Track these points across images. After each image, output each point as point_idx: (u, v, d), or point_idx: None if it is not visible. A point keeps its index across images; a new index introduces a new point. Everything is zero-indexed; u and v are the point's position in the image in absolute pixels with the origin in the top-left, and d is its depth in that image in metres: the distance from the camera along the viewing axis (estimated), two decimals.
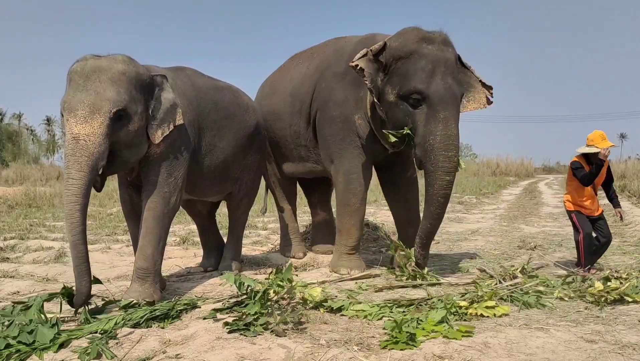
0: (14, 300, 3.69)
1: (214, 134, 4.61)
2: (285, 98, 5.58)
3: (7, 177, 22.43)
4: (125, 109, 3.60)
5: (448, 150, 4.18)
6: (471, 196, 15.01)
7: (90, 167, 3.43)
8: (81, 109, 3.46)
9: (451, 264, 5.45)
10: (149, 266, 3.92)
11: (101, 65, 3.64)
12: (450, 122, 4.17)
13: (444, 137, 4.16)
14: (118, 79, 3.62)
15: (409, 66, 4.26)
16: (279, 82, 5.89)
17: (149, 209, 3.98)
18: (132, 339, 3.08)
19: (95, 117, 3.46)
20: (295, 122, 5.42)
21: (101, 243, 7.04)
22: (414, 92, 4.20)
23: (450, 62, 4.28)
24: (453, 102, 4.23)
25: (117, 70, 3.66)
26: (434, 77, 4.18)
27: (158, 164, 4.00)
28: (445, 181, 4.26)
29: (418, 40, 4.28)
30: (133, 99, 3.69)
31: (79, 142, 3.42)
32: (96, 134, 3.45)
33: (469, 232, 8.06)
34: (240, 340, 3.02)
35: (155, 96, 3.94)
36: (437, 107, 4.16)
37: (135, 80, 3.76)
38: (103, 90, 3.54)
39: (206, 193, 4.91)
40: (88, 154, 3.42)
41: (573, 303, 3.82)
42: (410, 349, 2.85)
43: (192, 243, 6.94)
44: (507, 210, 11.52)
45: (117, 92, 3.57)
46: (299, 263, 5.62)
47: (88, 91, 3.52)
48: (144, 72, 3.89)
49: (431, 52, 4.24)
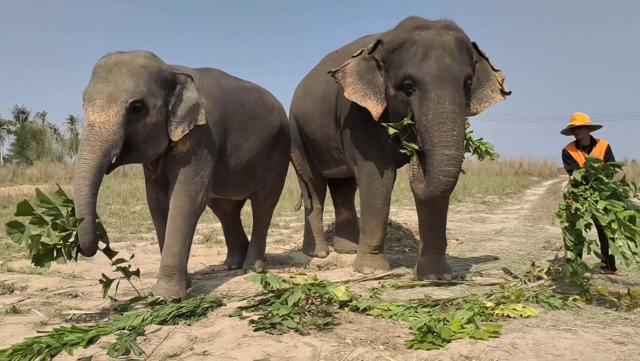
0: None
1: (240, 135, 4.64)
2: (315, 100, 5.59)
3: (32, 175, 22.80)
4: (142, 100, 3.63)
5: (442, 124, 3.88)
6: (494, 196, 14.89)
7: (103, 151, 3.45)
8: (99, 98, 3.51)
9: (475, 264, 5.41)
10: (175, 264, 3.95)
11: (123, 59, 3.71)
12: (443, 99, 3.92)
13: (436, 113, 3.91)
14: (138, 72, 3.68)
15: (402, 55, 4.20)
16: (311, 83, 5.90)
17: (175, 207, 4.01)
18: (160, 335, 3.11)
19: (111, 107, 3.51)
20: (326, 125, 5.42)
21: (126, 241, 7.12)
22: (405, 77, 4.11)
23: (449, 44, 4.07)
24: (449, 81, 3.98)
25: (137, 63, 3.71)
26: (426, 61, 4.04)
27: (184, 163, 4.03)
28: (445, 155, 3.86)
29: (411, 29, 4.22)
30: (152, 93, 3.72)
31: (94, 128, 3.47)
32: (111, 122, 3.49)
33: (493, 232, 7.99)
34: (266, 337, 3.03)
35: (177, 93, 3.98)
36: (428, 88, 3.98)
37: (156, 74, 3.80)
38: (122, 81, 3.59)
39: (231, 192, 4.94)
40: (102, 140, 3.45)
41: (601, 305, 3.77)
42: (437, 349, 2.84)
43: (215, 241, 6.98)
44: (531, 210, 11.40)
45: (136, 84, 3.62)
46: (322, 262, 5.62)
47: (108, 82, 3.58)
48: (165, 68, 3.93)
49: (424, 38, 4.12)
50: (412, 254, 6.17)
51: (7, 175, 22.16)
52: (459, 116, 3.94)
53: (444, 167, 3.87)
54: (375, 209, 4.88)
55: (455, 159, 3.88)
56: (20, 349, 2.74)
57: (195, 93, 4.04)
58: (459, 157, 3.92)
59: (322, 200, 6.35)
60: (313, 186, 6.26)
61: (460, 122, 3.94)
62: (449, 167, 3.87)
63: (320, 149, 5.74)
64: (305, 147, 6.06)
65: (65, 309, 3.75)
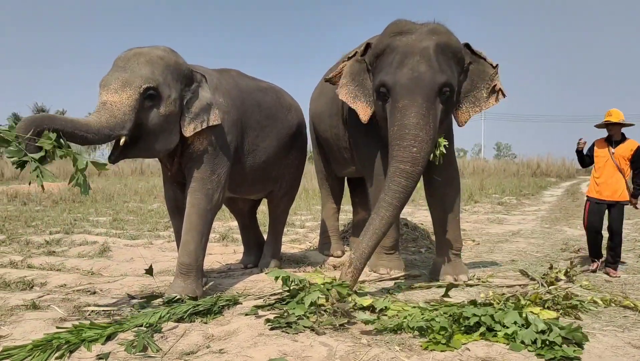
0: None
1: (257, 134, 4.66)
2: (327, 101, 5.61)
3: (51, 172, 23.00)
4: (156, 88, 3.65)
5: (402, 139, 3.81)
6: (511, 197, 14.77)
7: (109, 124, 3.43)
8: (114, 83, 3.54)
9: (492, 266, 5.38)
10: (191, 262, 3.98)
11: (142, 50, 3.78)
12: (407, 111, 3.82)
13: (399, 126, 3.84)
14: (155, 62, 3.72)
15: (382, 61, 4.14)
16: (325, 85, 5.92)
17: (192, 206, 4.04)
18: (177, 333, 3.14)
19: (125, 89, 3.52)
20: (335, 125, 5.44)
21: (143, 239, 7.18)
22: (380, 85, 4.06)
23: (427, 50, 3.93)
24: (418, 90, 3.85)
25: (155, 54, 3.77)
26: (401, 68, 3.95)
27: (201, 162, 4.05)
28: (399, 169, 3.81)
29: (393, 35, 4.14)
30: (167, 83, 3.75)
31: (105, 105, 3.48)
32: (123, 103, 3.49)
33: (510, 233, 7.94)
34: (282, 336, 3.04)
35: (193, 89, 4.00)
36: (396, 97, 3.92)
37: (173, 67, 3.83)
38: (138, 69, 3.63)
39: (248, 191, 4.97)
40: (110, 115, 3.45)
41: (619, 308, 3.73)
42: (452, 351, 2.83)
43: (231, 239, 7.02)
44: (548, 212, 11.29)
45: (151, 72, 3.66)
46: (337, 262, 5.62)
47: (125, 70, 3.62)
48: (183, 62, 3.96)
49: (404, 44, 4.03)
50: (428, 255, 6.15)
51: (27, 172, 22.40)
52: (424, 128, 3.82)
53: (396, 177, 3.82)
54: None
55: (409, 174, 3.81)
56: (40, 344, 2.78)
57: (209, 93, 4.07)
58: (414, 173, 3.82)
59: (338, 200, 6.36)
60: (329, 186, 6.30)
61: (423, 135, 3.81)
62: (401, 179, 3.81)
63: (332, 149, 5.77)
64: (321, 147, 6.10)
65: (84, 305, 3.79)
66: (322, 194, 6.41)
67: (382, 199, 3.84)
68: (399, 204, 3.83)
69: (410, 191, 3.87)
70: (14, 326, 3.31)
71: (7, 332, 3.19)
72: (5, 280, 4.59)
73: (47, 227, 8.20)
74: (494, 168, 29.70)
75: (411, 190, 3.87)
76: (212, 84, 4.26)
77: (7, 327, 3.29)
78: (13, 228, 8.01)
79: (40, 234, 7.46)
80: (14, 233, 7.47)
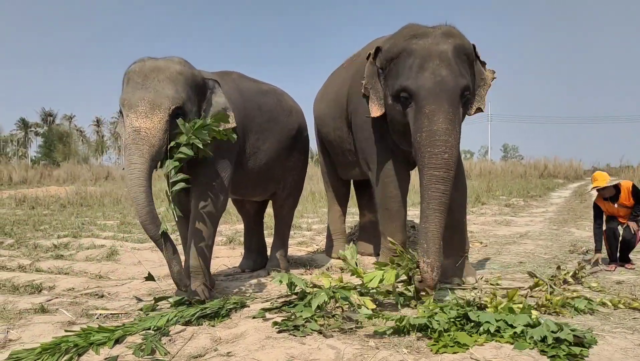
0: None
1: (258, 137, 4.68)
2: (329, 103, 5.63)
3: (59, 176, 23.17)
4: (182, 106, 3.68)
5: (433, 146, 3.81)
6: (519, 198, 14.72)
7: (151, 155, 3.49)
8: (142, 105, 3.54)
9: (500, 267, 5.36)
10: (198, 265, 4.00)
11: (159, 65, 3.75)
12: (436, 117, 3.82)
13: (429, 132, 3.82)
14: (176, 79, 3.72)
15: (399, 65, 4.12)
16: (328, 87, 5.97)
17: (197, 209, 4.06)
18: (184, 336, 3.14)
19: (155, 113, 3.54)
20: (338, 127, 5.45)
21: (150, 242, 7.18)
22: (401, 90, 4.03)
23: (446, 54, 3.94)
24: (444, 95, 3.86)
25: (174, 70, 3.76)
26: (422, 72, 3.94)
27: (206, 166, 4.08)
28: (434, 176, 3.82)
29: (408, 38, 4.12)
30: (189, 98, 3.78)
31: (141, 133, 3.49)
32: (156, 128, 3.53)
33: (518, 235, 7.90)
34: (290, 339, 3.04)
35: (207, 98, 4.03)
36: (422, 102, 3.89)
37: (191, 80, 3.85)
38: (162, 88, 3.63)
39: (249, 193, 5.00)
40: (149, 145, 3.49)
41: (628, 310, 3.71)
42: (462, 353, 2.82)
43: (238, 242, 7.03)
44: (556, 213, 11.24)
45: (176, 91, 3.67)
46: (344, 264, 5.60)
47: (147, 88, 3.61)
48: (197, 74, 3.98)
49: (421, 47, 4.01)
50: None
51: (35, 176, 22.58)
52: (452, 133, 3.84)
53: (433, 184, 3.83)
54: (392, 213, 4.81)
55: (445, 178, 3.82)
56: (49, 348, 2.79)
57: (223, 97, 4.10)
58: (449, 177, 3.84)
59: (344, 202, 6.37)
60: (334, 188, 6.31)
61: (452, 140, 3.83)
62: (439, 185, 3.82)
63: (335, 151, 5.78)
64: (326, 150, 6.13)
65: (92, 309, 3.81)
66: (328, 197, 6.43)
67: (426, 208, 3.87)
68: (443, 208, 3.84)
69: (449, 194, 3.88)
70: (22, 330, 3.32)
71: (16, 336, 3.21)
72: (14, 284, 4.61)
73: (55, 231, 8.24)
74: (501, 170, 29.57)
75: (449, 194, 3.89)
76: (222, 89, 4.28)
77: (16, 331, 3.31)
78: (21, 232, 8.06)
79: (49, 238, 7.50)
80: (22, 237, 7.51)
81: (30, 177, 22.27)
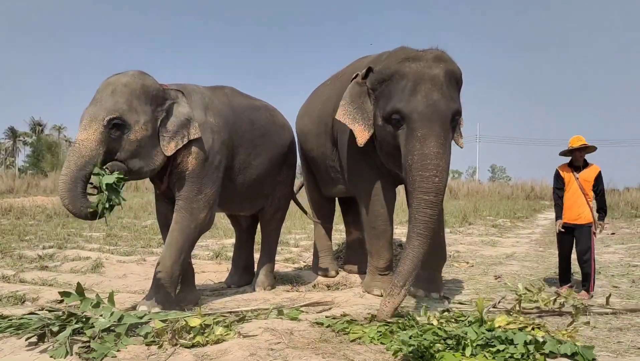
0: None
1: (249, 152, 4.71)
2: (313, 120, 5.66)
3: (46, 187, 22.95)
4: (120, 117, 3.76)
5: (424, 170, 3.82)
6: (505, 219, 14.78)
7: (78, 166, 3.62)
8: (85, 119, 3.73)
9: (486, 288, 5.38)
10: (165, 277, 4.09)
11: (110, 80, 3.92)
12: (428, 140, 3.85)
13: (420, 156, 3.84)
14: (120, 91, 3.84)
15: (391, 87, 4.16)
16: (312, 103, 5.99)
17: (175, 222, 4.13)
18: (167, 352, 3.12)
19: (91, 125, 3.69)
20: (322, 144, 5.47)
21: (136, 255, 7.16)
22: (393, 112, 4.05)
23: (438, 78, 3.98)
24: (436, 119, 3.90)
25: (120, 83, 3.88)
26: (414, 95, 3.97)
27: (188, 180, 4.13)
28: (423, 200, 3.84)
29: (401, 61, 4.16)
30: (133, 109, 3.84)
31: (75, 145, 3.68)
32: (90, 140, 3.66)
33: (504, 256, 7.93)
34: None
35: (166, 108, 4.07)
36: (414, 126, 3.92)
37: (139, 91, 3.91)
38: (104, 101, 3.78)
39: (237, 208, 5.02)
40: (79, 155, 3.63)
41: (613, 333, 3.73)
42: None
43: (225, 257, 7.01)
44: (542, 235, 11.29)
45: (115, 102, 3.78)
46: (331, 282, 5.62)
47: (95, 103, 3.80)
48: (151, 84, 4.02)
49: (414, 70, 4.05)
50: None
51: (22, 186, 22.37)
52: (443, 156, 3.87)
53: (422, 209, 3.84)
54: (379, 231, 4.83)
55: (435, 202, 3.85)
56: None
57: (187, 108, 4.14)
58: (438, 202, 3.88)
59: (329, 219, 6.36)
60: (319, 205, 6.29)
61: (443, 164, 3.87)
62: (428, 210, 3.84)
63: (318, 168, 5.80)
64: (309, 166, 6.13)
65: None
66: (314, 214, 6.39)
67: (412, 231, 3.88)
68: (428, 233, 3.86)
69: (436, 218, 3.92)
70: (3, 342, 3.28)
71: None
72: None
73: (40, 241, 8.17)
74: (488, 190, 29.67)
75: (437, 218, 3.93)
76: (204, 102, 4.34)
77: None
78: (6, 242, 7.99)
79: (34, 248, 7.44)
80: (7, 247, 7.45)
81: (17, 187, 22.05)
